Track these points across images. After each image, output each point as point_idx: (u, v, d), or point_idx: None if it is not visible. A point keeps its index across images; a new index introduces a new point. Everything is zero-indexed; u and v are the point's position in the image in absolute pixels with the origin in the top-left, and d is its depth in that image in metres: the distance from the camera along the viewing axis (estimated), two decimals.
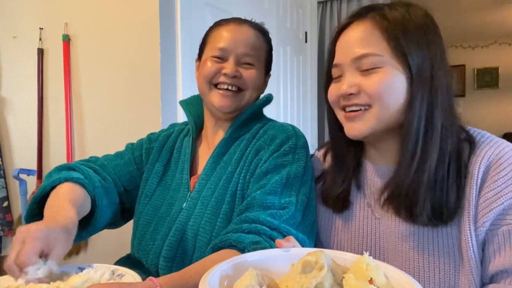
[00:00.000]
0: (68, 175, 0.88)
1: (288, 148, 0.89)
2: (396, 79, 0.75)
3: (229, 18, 1.01)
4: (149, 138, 1.10)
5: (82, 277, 0.66)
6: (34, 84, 1.91)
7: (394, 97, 0.75)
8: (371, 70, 0.76)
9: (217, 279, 0.52)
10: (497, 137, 0.78)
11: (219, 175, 0.93)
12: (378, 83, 0.75)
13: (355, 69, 0.78)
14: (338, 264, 0.56)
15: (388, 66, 0.75)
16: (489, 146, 0.75)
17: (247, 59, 0.95)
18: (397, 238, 0.81)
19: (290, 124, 0.98)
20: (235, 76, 0.93)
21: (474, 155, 0.75)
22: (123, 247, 1.07)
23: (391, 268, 0.54)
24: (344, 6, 3.33)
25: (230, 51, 0.94)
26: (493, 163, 0.73)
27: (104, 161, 1.03)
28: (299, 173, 0.87)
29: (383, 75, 0.75)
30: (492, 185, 0.72)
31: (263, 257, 0.60)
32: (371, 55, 0.75)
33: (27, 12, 1.94)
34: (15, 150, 2.04)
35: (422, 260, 0.78)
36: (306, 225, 0.84)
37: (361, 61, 0.76)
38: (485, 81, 5.81)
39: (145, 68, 1.64)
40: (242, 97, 0.95)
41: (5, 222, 2.02)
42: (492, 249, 0.72)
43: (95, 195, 0.90)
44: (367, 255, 0.53)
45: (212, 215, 0.88)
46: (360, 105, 0.78)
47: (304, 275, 0.51)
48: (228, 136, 0.96)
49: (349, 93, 0.78)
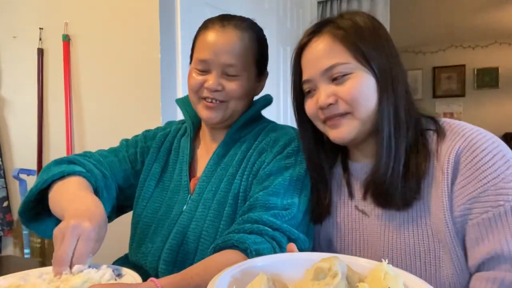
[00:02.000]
0: (71, 169, 0.87)
1: (291, 150, 0.90)
2: (367, 81, 0.79)
3: (215, 18, 0.95)
4: (144, 136, 1.08)
5: (82, 277, 0.65)
6: (34, 84, 1.91)
7: (369, 98, 0.79)
8: (344, 77, 0.79)
9: (225, 284, 0.51)
10: (469, 125, 0.80)
11: (220, 177, 0.92)
12: (353, 88, 0.79)
13: (327, 79, 0.81)
14: (354, 272, 0.54)
15: (357, 71, 0.79)
16: (459, 135, 0.77)
17: (230, 69, 0.90)
18: (379, 228, 0.84)
19: (291, 126, 0.98)
20: (216, 90, 0.90)
21: (445, 144, 0.78)
22: (122, 247, 1.07)
23: (412, 278, 0.51)
24: (344, 6, 3.33)
25: (212, 63, 0.89)
26: (465, 151, 0.74)
27: (99, 156, 1.01)
28: (301, 175, 0.87)
29: (355, 80, 0.79)
30: (467, 173, 0.74)
31: (273, 261, 0.59)
32: (339, 64, 0.79)
33: (27, 12, 1.94)
34: (15, 150, 2.04)
35: (404, 248, 0.80)
36: (305, 225, 0.84)
37: (331, 71, 0.80)
38: (485, 81, 5.81)
39: (145, 68, 1.64)
40: (226, 107, 0.92)
41: (5, 222, 2.02)
42: (474, 237, 0.73)
43: (97, 187, 0.89)
44: (386, 262, 0.51)
45: (214, 217, 0.88)
46: (341, 113, 0.81)
47: (317, 282, 0.49)
48: (228, 138, 0.96)
49: (328, 103, 0.80)
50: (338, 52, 0.80)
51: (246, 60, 0.92)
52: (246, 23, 0.94)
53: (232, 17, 0.94)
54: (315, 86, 0.83)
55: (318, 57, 0.82)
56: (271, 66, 1.04)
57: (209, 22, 0.94)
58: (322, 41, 0.82)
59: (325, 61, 0.80)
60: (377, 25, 0.83)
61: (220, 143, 0.96)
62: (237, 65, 0.90)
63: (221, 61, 0.89)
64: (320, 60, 0.81)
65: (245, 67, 0.91)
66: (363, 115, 0.79)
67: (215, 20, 0.93)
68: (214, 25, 0.92)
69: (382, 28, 0.84)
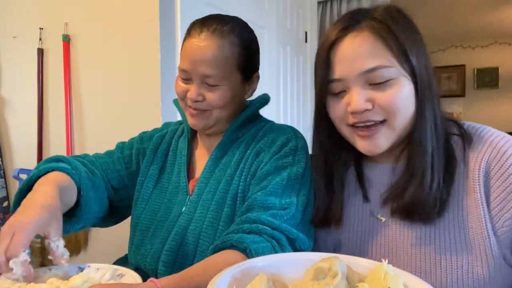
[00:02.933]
0: (55, 165, 0.86)
1: (289, 150, 0.89)
2: (408, 89, 0.73)
3: (197, 22, 0.92)
4: (140, 138, 1.08)
5: (83, 277, 0.65)
6: (34, 84, 1.91)
7: (408, 107, 0.74)
8: (385, 83, 0.72)
9: (225, 284, 0.51)
10: (495, 131, 0.77)
11: (218, 178, 0.92)
12: (394, 96, 0.72)
13: (364, 83, 0.74)
14: (354, 272, 0.54)
15: (400, 76, 0.72)
16: (487, 141, 0.74)
17: (209, 80, 0.88)
18: (404, 240, 0.80)
19: (289, 125, 0.98)
20: (197, 100, 0.89)
21: (473, 151, 0.74)
22: (123, 247, 1.07)
23: (412, 278, 0.51)
24: (344, 6, 3.33)
25: (191, 73, 0.88)
26: (495, 161, 0.72)
27: (93, 157, 1.01)
28: (299, 174, 0.87)
29: (397, 87, 0.72)
30: (503, 184, 0.71)
31: (273, 261, 0.59)
32: (382, 67, 0.71)
33: (27, 12, 1.94)
34: (15, 150, 2.04)
35: (425, 255, 0.77)
36: (304, 225, 0.84)
37: (371, 75, 0.72)
38: (485, 81, 5.81)
39: (145, 68, 1.64)
40: (209, 116, 0.92)
41: (5, 222, 2.02)
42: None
43: (81, 185, 0.88)
44: (385, 262, 0.50)
45: (213, 219, 0.88)
46: (374, 121, 0.75)
47: (317, 282, 0.49)
48: (226, 139, 0.96)
49: (364, 109, 0.73)
50: (381, 53, 0.72)
51: (226, 69, 0.88)
52: (227, 26, 0.90)
53: (213, 21, 0.90)
54: (347, 87, 0.76)
55: (356, 57, 0.73)
56: (271, 66, 1.04)
57: (191, 27, 0.92)
58: (361, 38, 0.73)
59: (365, 62, 0.72)
60: (412, 24, 0.76)
61: (218, 144, 0.96)
62: (216, 75, 0.87)
63: (199, 72, 0.87)
64: (359, 60, 0.73)
65: (225, 76, 0.89)
66: (398, 125, 0.74)
67: (196, 26, 0.91)
68: (195, 31, 0.90)
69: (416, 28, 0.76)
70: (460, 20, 4.82)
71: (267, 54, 2.31)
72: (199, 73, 0.88)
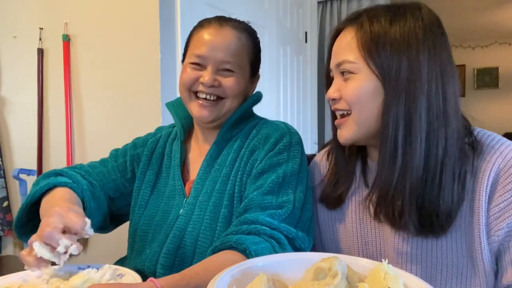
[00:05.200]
0: (56, 181, 0.87)
1: (283, 146, 0.88)
2: (370, 85, 0.75)
3: (212, 18, 0.96)
4: (134, 144, 1.07)
5: (83, 277, 0.65)
6: (34, 84, 1.91)
7: (369, 103, 0.76)
8: (348, 75, 0.77)
9: (225, 284, 0.51)
10: (508, 141, 0.77)
11: (214, 178, 0.92)
12: (354, 89, 0.76)
13: (339, 74, 0.80)
14: (354, 272, 0.54)
15: (363, 72, 0.76)
16: (499, 151, 0.74)
17: (226, 65, 0.90)
18: (393, 245, 0.81)
19: (282, 121, 0.97)
20: (213, 85, 0.90)
21: (482, 161, 0.74)
22: (123, 247, 1.07)
23: (412, 278, 0.50)
24: (344, 6, 3.33)
25: (209, 59, 0.90)
26: (504, 170, 0.72)
27: (88, 168, 1.01)
28: (295, 170, 0.86)
29: (358, 82, 0.76)
30: (506, 194, 0.72)
31: (273, 261, 0.59)
32: (347, 62, 0.77)
33: (27, 12, 1.94)
34: (15, 150, 2.04)
35: (425, 261, 0.77)
36: (304, 222, 0.84)
37: (341, 67, 0.79)
38: (485, 81, 5.81)
39: (145, 68, 1.64)
40: (222, 106, 0.92)
41: (5, 222, 2.02)
42: (509, 259, 0.72)
43: (84, 197, 0.89)
44: (385, 262, 0.50)
45: (211, 220, 0.87)
46: (342, 110, 0.80)
47: (317, 282, 0.49)
48: (220, 139, 0.95)
49: (332, 97, 0.80)
50: (350, 49, 0.77)
51: (243, 58, 0.93)
52: (242, 24, 0.97)
53: (229, 19, 0.96)
54: (334, 76, 0.83)
55: (336, 50, 0.81)
56: (271, 66, 1.04)
57: (205, 21, 0.96)
58: (346, 33, 0.80)
59: (338, 55, 0.80)
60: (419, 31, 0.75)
61: (213, 144, 0.96)
62: (234, 62, 0.91)
63: (218, 57, 0.90)
64: (337, 53, 0.81)
65: (240, 65, 0.93)
66: (360, 119, 0.77)
67: (212, 20, 0.95)
68: (211, 24, 0.94)
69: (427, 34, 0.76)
70: (460, 20, 4.82)
71: (267, 54, 2.31)
72: (218, 59, 0.90)
